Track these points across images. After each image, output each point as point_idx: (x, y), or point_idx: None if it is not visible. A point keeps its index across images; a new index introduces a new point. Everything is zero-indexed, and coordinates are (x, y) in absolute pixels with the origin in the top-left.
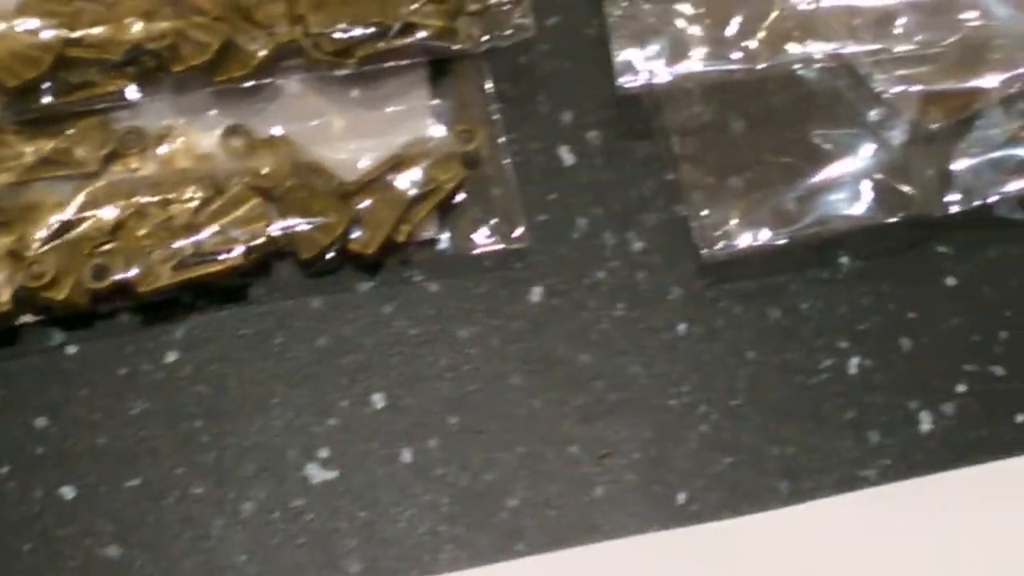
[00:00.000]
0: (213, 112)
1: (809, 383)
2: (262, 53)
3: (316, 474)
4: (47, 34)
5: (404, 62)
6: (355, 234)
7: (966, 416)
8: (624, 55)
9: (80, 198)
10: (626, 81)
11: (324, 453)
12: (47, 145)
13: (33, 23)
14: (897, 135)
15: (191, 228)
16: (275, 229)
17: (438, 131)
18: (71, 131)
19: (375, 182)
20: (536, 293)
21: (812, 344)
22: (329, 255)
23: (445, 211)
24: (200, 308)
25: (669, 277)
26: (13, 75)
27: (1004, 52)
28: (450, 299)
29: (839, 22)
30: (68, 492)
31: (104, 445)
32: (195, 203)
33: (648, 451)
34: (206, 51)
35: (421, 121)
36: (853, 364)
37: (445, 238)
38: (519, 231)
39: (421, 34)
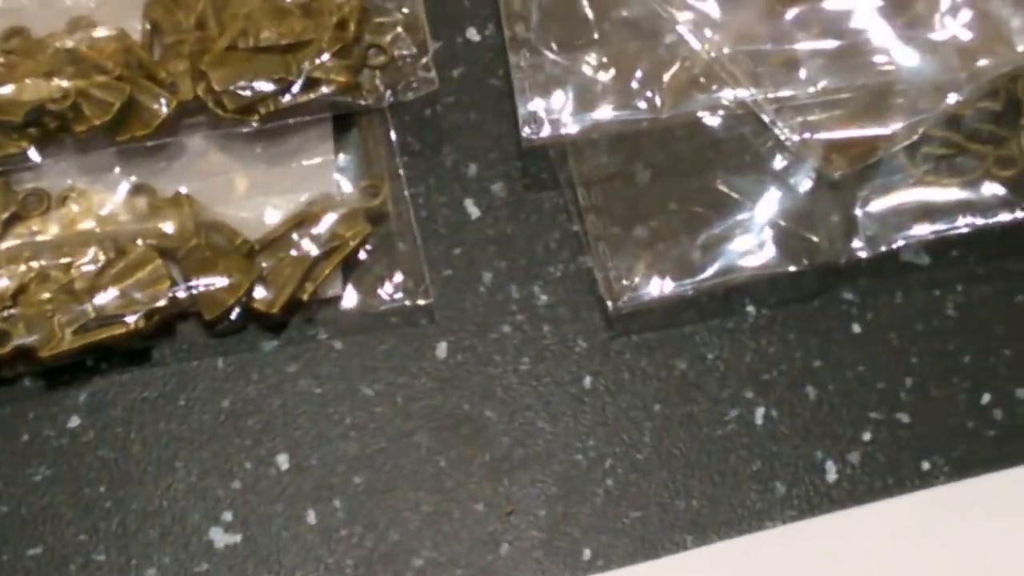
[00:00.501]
0: (116, 171)
1: (715, 435)
2: (164, 111)
3: (220, 538)
4: None
5: (308, 117)
6: (259, 293)
7: (872, 464)
8: (529, 106)
9: None
10: (530, 132)
11: (228, 516)
12: None
13: None
14: (802, 182)
15: (93, 291)
16: (178, 290)
17: (343, 186)
18: None
19: (279, 240)
20: (442, 349)
21: (718, 395)
22: (233, 315)
23: (350, 267)
24: (103, 371)
25: (575, 330)
26: None
27: (907, 98)
28: (355, 357)
29: (743, 69)
30: None
31: (5, 513)
32: (97, 265)
33: (554, 507)
34: (108, 111)
35: (326, 177)
36: (759, 414)
37: (350, 295)
38: (424, 287)
39: (325, 89)
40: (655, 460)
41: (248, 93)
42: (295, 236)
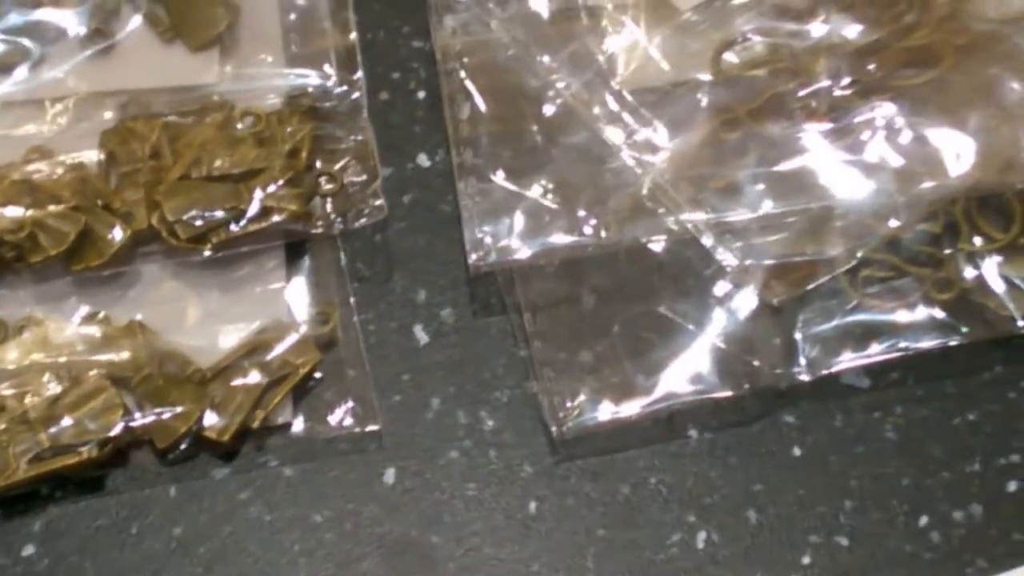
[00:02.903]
0: (72, 300)
1: (657, 559)
2: (119, 241)
3: None
4: None
5: (261, 245)
6: (210, 421)
7: None
8: (475, 233)
9: None
10: (477, 259)
11: None
12: None
13: None
14: (743, 306)
15: (47, 420)
16: (131, 419)
17: (294, 313)
18: None
19: (230, 368)
20: (390, 475)
21: (661, 519)
22: (185, 443)
23: (300, 394)
24: (57, 500)
25: (520, 455)
26: None
27: (847, 222)
28: (305, 483)
29: (685, 194)
30: None
31: None
32: (52, 394)
33: None
34: (63, 241)
35: (277, 304)
36: (701, 538)
37: (300, 422)
38: (372, 413)
39: (276, 217)
40: None
41: (201, 222)
42: (246, 364)
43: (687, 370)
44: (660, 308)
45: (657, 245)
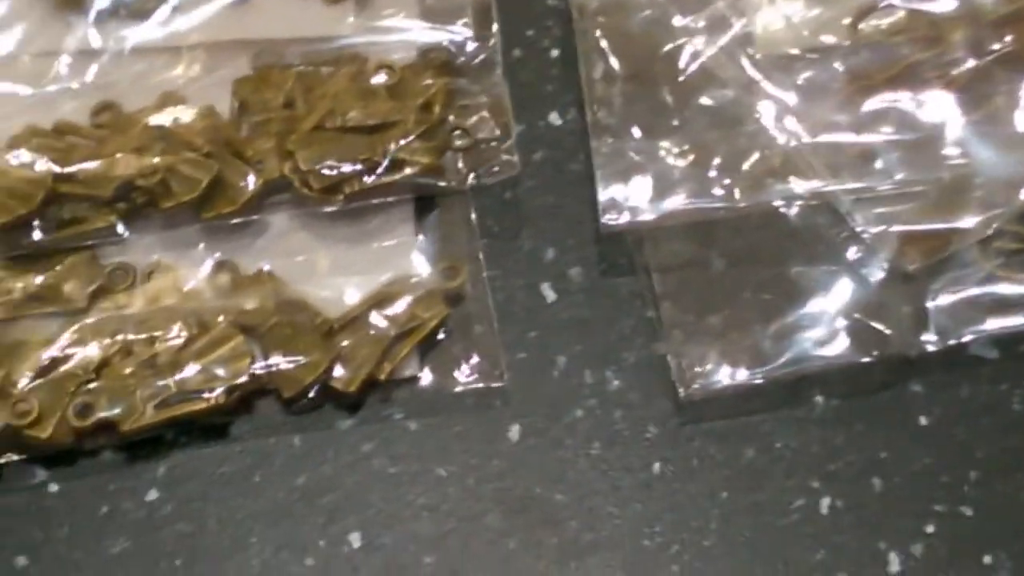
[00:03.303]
0: (201, 247)
1: (780, 523)
2: (251, 189)
3: None
4: (39, 169)
5: (391, 198)
6: (337, 372)
7: (934, 557)
8: (608, 192)
9: (67, 335)
10: (610, 219)
11: None
12: (35, 281)
13: (26, 157)
14: (875, 274)
15: (175, 366)
16: (258, 367)
17: (422, 267)
18: (60, 267)
19: (358, 320)
20: (514, 432)
21: (784, 484)
22: (311, 393)
23: (427, 348)
24: (182, 445)
25: (646, 415)
26: (4, 210)
27: (983, 192)
28: (429, 437)
29: (820, 160)
30: None
31: None
32: (180, 341)
33: None
34: (195, 187)
35: (406, 257)
36: (824, 504)
37: (426, 376)
38: (499, 370)
39: (408, 171)
40: (721, 547)
41: (334, 173)
42: (374, 316)
43: (816, 336)
44: (790, 273)
45: (788, 210)
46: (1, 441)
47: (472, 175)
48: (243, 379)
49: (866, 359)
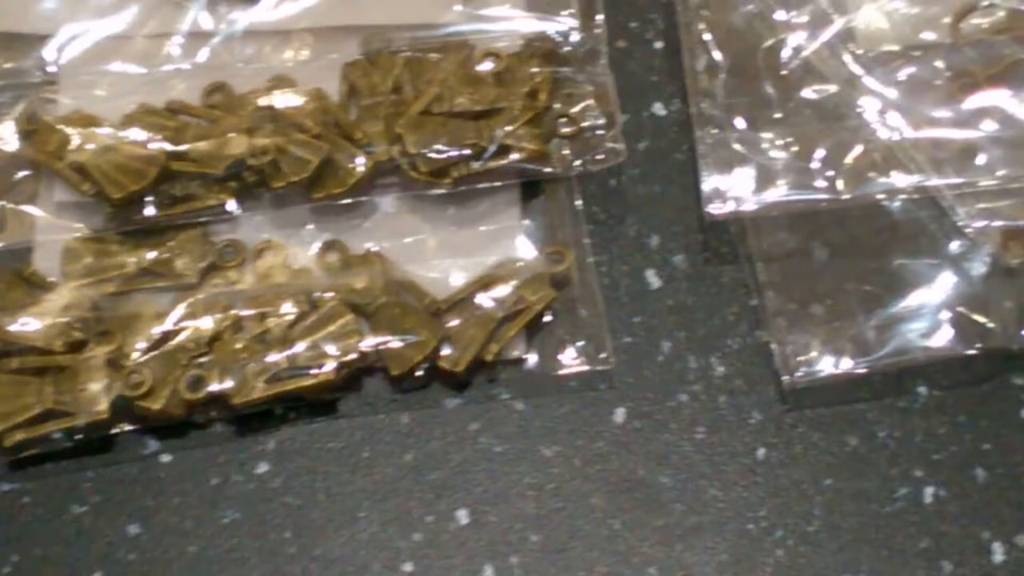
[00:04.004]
0: (310, 227)
1: (884, 511)
2: (360, 171)
3: None
4: (152, 147)
5: (498, 183)
6: (444, 352)
7: None
8: (712, 182)
9: (179, 309)
10: (714, 208)
11: (408, 567)
12: (148, 256)
13: (139, 135)
14: (977, 267)
15: (285, 342)
16: (367, 345)
17: (528, 251)
18: (172, 243)
19: (465, 301)
20: (619, 414)
21: (888, 473)
22: (419, 372)
23: (532, 331)
24: (291, 420)
25: (750, 402)
26: (118, 187)
27: None
28: (535, 418)
29: (923, 154)
30: None
31: (194, 553)
32: (290, 317)
33: (725, 574)
34: (306, 168)
35: (512, 241)
36: (928, 493)
37: (532, 358)
38: (605, 353)
39: (515, 156)
40: (825, 533)
41: (441, 157)
42: (481, 298)
43: (919, 328)
44: (892, 265)
45: (891, 203)
46: (115, 412)
47: (578, 162)
48: (352, 356)
49: (969, 352)
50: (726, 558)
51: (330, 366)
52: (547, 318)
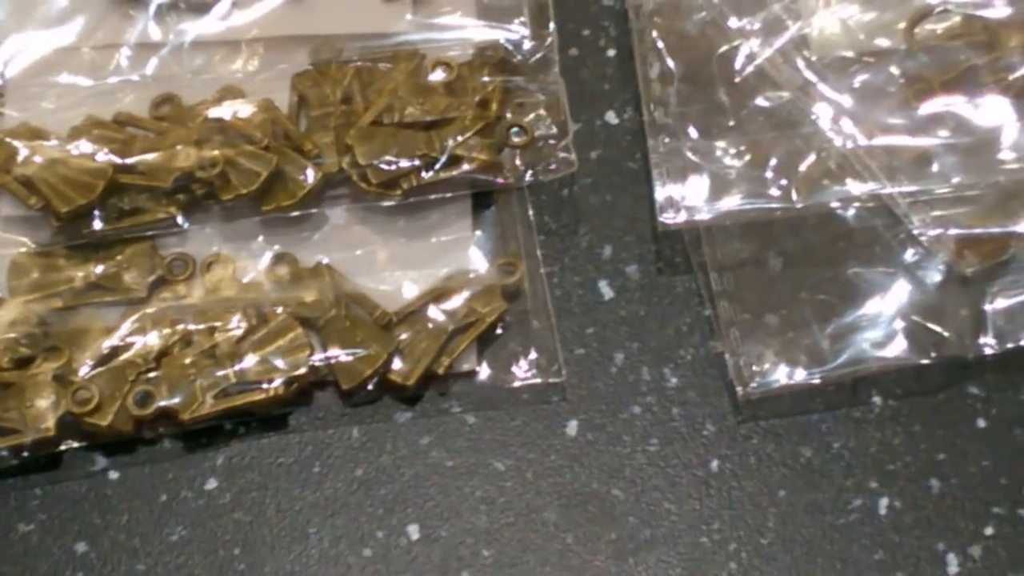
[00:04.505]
0: (259, 240)
1: (839, 523)
2: (310, 183)
3: None
4: (100, 160)
5: (449, 194)
6: (395, 365)
7: (993, 559)
8: (665, 191)
9: (128, 324)
10: (667, 217)
11: None
12: (96, 270)
13: (87, 148)
14: (932, 276)
15: (235, 357)
16: (317, 359)
17: (480, 263)
18: (120, 257)
19: (416, 313)
20: (572, 427)
21: (842, 484)
22: (369, 386)
23: (484, 343)
24: (241, 435)
25: (703, 413)
26: (66, 201)
27: None
28: (487, 431)
29: (877, 162)
30: None
31: (143, 572)
32: (239, 332)
33: None
34: (255, 180)
35: (464, 252)
36: (883, 504)
37: (484, 370)
38: (557, 365)
39: (466, 167)
40: (779, 545)
41: (392, 168)
42: (432, 310)
43: (873, 337)
44: (847, 274)
45: (845, 211)
46: (62, 428)
47: (529, 172)
48: (302, 371)
49: (924, 361)
50: (680, 571)
51: (279, 381)
52: (499, 330)
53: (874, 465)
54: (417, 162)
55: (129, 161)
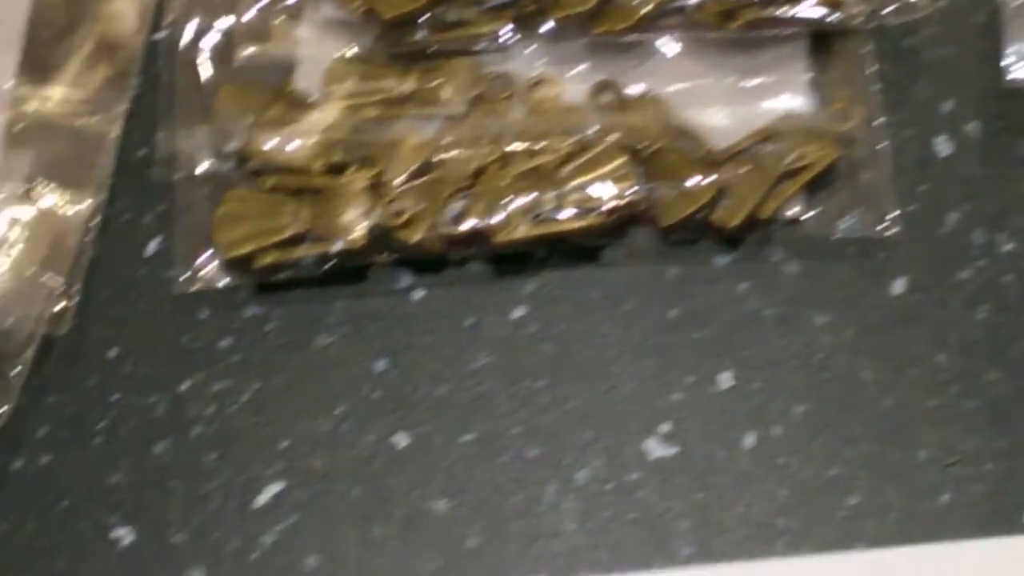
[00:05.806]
0: (585, 65)
1: None
2: (645, 8)
3: (655, 449)
4: None
5: (786, 32)
6: (719, 205)
7: None
8: (1016, 47)
9: (444, 139)
10: (1016, 74)
11: (665, 428)
12: (415, 82)
13: None
14: None
15: (554, 181)
16: (640, 191)
17: (813, 107)
18: (441, 70)
19: (744, 153)
20: (898, 286)
21: None
22: (689, 225)
23: (812, 191)
24: (552, 265)
25: None
26: (391, 6)
27: None
28: (808, 283)
29: None
30: (402, 440)
31: (442, 396)
32: (561, 156)
33: (1000, 463)
34: (588, 0)
35: (796, 95)
36: None
37: (810, 219)
38: (887, 220)
39: (809, 3)
40: None
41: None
42: (760, 151)
43: None
44: None
45: None
46: (371, 241)
47: (872, 15)
48: (623, 201)
49: None
50: (1004, 445)
51: (599, 210)
52: (828, 178)
53: None
54: None
55: None
